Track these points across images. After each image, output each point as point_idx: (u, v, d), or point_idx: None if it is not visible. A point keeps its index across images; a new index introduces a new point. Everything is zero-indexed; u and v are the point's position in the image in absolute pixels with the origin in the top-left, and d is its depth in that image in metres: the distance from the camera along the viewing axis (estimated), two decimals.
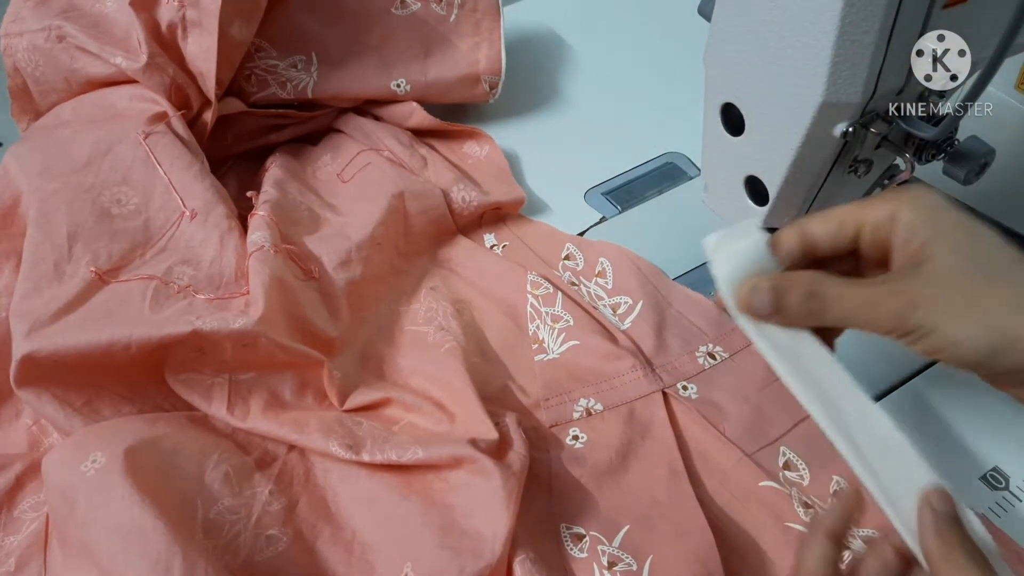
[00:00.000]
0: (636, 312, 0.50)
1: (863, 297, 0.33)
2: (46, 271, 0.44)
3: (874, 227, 0.34)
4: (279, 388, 0.44)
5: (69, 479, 0.36)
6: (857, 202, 0.35)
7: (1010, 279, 0.31)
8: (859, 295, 0.33)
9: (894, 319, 0.32)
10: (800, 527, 0.41)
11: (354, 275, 0.49)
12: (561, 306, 0.50)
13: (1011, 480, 0.42)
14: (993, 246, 0.32)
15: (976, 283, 0.31)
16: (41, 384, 0.40)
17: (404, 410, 0.44)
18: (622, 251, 0.53)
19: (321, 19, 0.58)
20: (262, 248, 0.46)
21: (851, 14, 0.32)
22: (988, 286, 0.31)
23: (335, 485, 0.41)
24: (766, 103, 0.38)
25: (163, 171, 0.49)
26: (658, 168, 0.61)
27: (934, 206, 0.33)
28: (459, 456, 0.39)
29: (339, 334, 0.47)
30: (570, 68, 0.70)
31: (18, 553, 0.38)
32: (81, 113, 0.53)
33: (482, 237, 0.56)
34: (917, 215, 0.33)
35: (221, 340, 0.41)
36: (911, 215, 0.33)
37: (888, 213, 0.33)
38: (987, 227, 0.32)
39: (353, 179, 0.56)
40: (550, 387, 0.47)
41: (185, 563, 0.33)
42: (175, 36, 0.52)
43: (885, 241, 0.34)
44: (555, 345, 0.48)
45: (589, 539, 0.40)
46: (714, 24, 0.39)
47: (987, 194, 0.51)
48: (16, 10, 0.55)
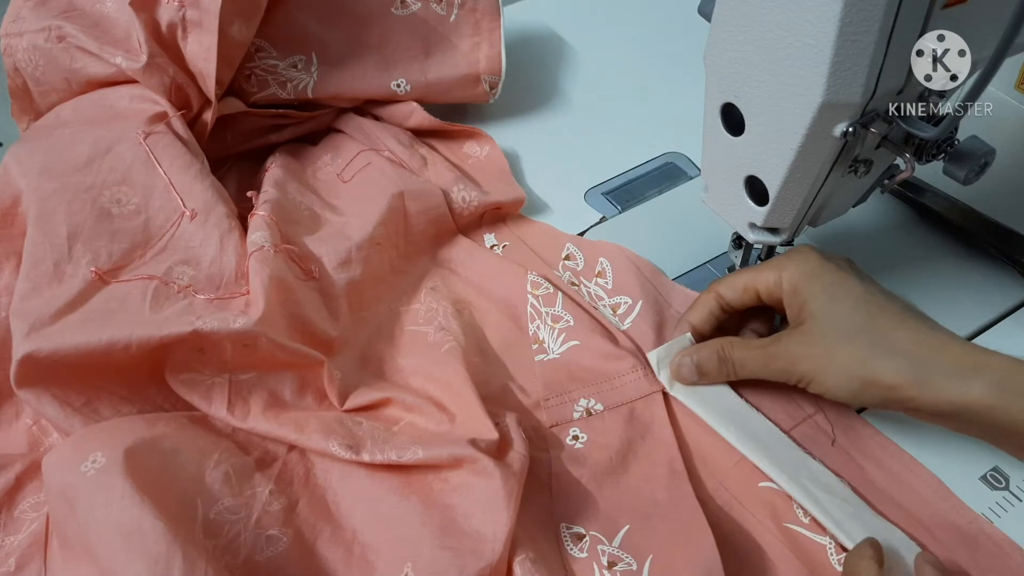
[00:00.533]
0: (636, 312, 0.50)
1: (757, 360, 0.43)
2: (46, 271, 0.44)
3: (767, 290, 0.43)
4: (279, 388, 0.44)
5: (69, 479, 0.36)
6: (753, 268, 0.44)
7: (862, 334, 0.39)
8: (754, 358, 0.43)
9: (783, 374, 0.42)
10: (800, 528, 0.41)
11: (354, 275, 0.49)
12: (561, 306, 0.50)
13: (1011, 480, 0.42)
14: (855, 304, 0.40)
15: (838, 339, 0.40)
16: (41, 384, 0.40)
17: (404, 410, 0.44)
18: (622, 251, 0.53)
19: (321, 19, 0.58)
20: (262, 248, 0.46)
21: (851, 14, 0.32)
22: (846, 342, 0.39)
23: (335, 485, 0.41)
24: (766, 103, 0.38)
25: (163, 171, 0.49)
26: (658, 168, 0.61)
27: (811, 272, 0.41)
28: (459, 456, 0.39)
29: (339, 334, 0.47)
30: (570, 68, 0.70)
31: (18, 553, 0.38)
32: (81, 113, 0.53)
33: (482, 237, 0.56)
34: (797, 280, 0.41)
35: (221, 340, 0.41)
36: (792, 279, 0.41)
37: (776, 278, 0.42)
38: (857, 283, 0.41)
39: (353, 179, 0.56)
40: (550, 387, 0.47)
41: (185, 563, 0.33)
42: (175, 36, 0.52)
43: (779, 300, 0.43)
44: (555, 345, 0.48)
45: (589, 539, 0.40)
46: (714, 24, 0.39)
47: (987, 194, 0.51)
48: (16, 10, 0.54)
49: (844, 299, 0.40)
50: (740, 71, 0.39)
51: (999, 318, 0.50)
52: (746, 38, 0.37)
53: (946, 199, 0.53)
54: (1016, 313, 0.50)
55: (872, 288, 0.41)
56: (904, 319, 0.39)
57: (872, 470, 0.43)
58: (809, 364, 0.41)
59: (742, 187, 0.43)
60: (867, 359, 0.39)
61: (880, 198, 0.56)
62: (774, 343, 0.43)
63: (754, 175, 0.42)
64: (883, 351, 0.38)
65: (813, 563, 0.40)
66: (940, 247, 0.54)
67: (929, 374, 0.37)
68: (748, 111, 0.40)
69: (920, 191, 0.54)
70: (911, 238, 0.54)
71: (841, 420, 0.45)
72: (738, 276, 0.44)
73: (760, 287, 0.43)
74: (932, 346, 0.38)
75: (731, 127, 0.42)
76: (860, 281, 0.41)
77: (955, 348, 0.38)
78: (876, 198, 0.51)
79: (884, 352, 0.38)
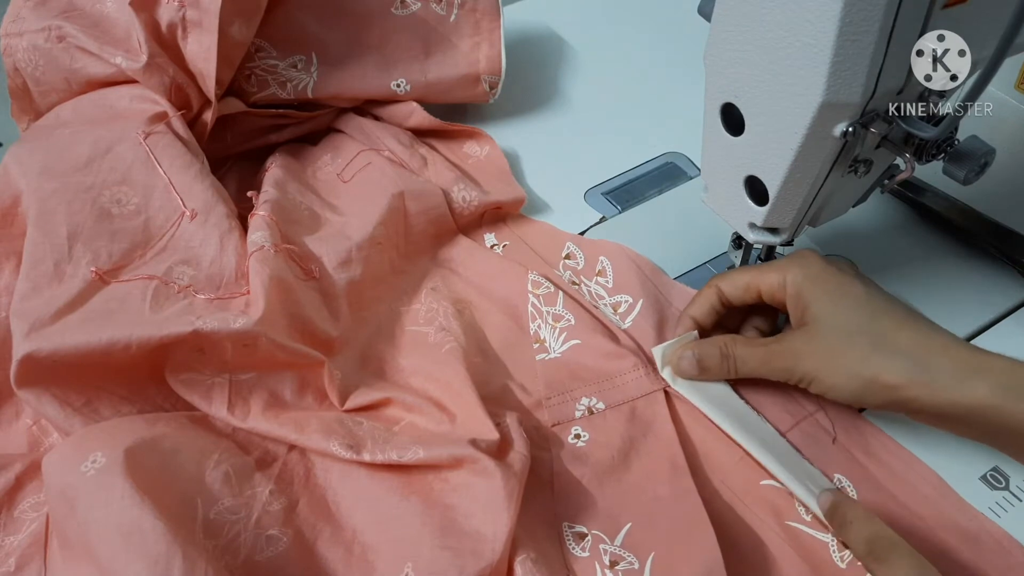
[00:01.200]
0: (637, 311, 0.50)
1: (759, 358, 0.43)
2: (46, 271, 0.44)
3: (769, 291, 0.43)
4: (279, 388, 0.44)
5: (69, 479, 0.36)
6: (756, 267, 0.45)
7: (865, 335, 0.39)
8: (756, 356, 0.43)
9: (784, 373, 0.42)
10: (802, 526, 0.41)
11: (354, 275, 0.49)
12: (562, 305, 0.50)
13: (1011, 480, 0.42)
14: (856, 305, 0.40)
15: (840, 339, 0.40)
16: (41, 384, 0.40)
17: (405, 410, 0.44)
18: (622, 249, 0.53)
19: (321, 19, 0.58)
20: (262, 248, 0.46)
21: (851, 14, 0.32)
22: (848, 342, 0.40)
23: (335, 485, 0.41)
24: (766, 103, 0.38)
25: (163, 171, 0.49)
26: (658, 168, 0.61)
27: (814, 275, 0.42)
28: (460, 456, 0.39)
29: (339, 334, 0.47)
30: (570, 68, 0.70)
31: (18, 553, 0.38)
32: (81, 113, 0.53)
33: (482, 237, 0.56)
34: (801, 282, 0.42)
35: (221, 340, 0.41)
36: (796, 282, 0.42)
37: (779, 280, 0.42)
38: (859, 285, 0.41)
39: (353, 179, 0.56)
40: (552, 386, 0.47)
41: (185, 563, 0.33)
42: (175, 36, 0.52)
43: (782, 301, 0.43)
44: (556, 344, 0.48)
45: (591, 538, 0.40)
46: (714, 24, 0.39)
47: (987, 194, 0.51)
48: (16, 10, 0.54)
49: (846, 301, 0.40)
50: (740, 71, 0.39)
51: (999, 318, 0.50)
52: (746, 38, 0.37)
53: (946, 199, 0.53)
54: (1016, 313, 0.50)
55: (874, 291, 0.41)
56: (906, 321, 0.39)
57: (873, 468, 0.43)
58: (811, 363, 0.41)
59: (742, 187, 0.43)
60: (869, 358, 0.39)
61: (880, 198, 0.56)
62: (776, 342, 0.43)
63: (754, 175, 0.42)
64: (886, 351, 0.39)
65: (815, 560, 0.40)
66: (940, 247, 0.54)
67: (932, 374, 0.37)
68: (748, 111, 0.40)
69: (920, 191, 0.54)
70: (911, 238, 0.54)
71: (842, 418, 0.45)
72: (740, 274, 0.45)
73: (763, 287, 0.43)
74: (935, 347, 0.38)
75: (731, 127, 0.42)
76: (862, 284, 0.41)
77: (958, 349, 0.38)
78: (876, 198, 0.51)
79: (887, 352, 0.39)
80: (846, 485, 0.42)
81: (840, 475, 0.43)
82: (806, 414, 0.45)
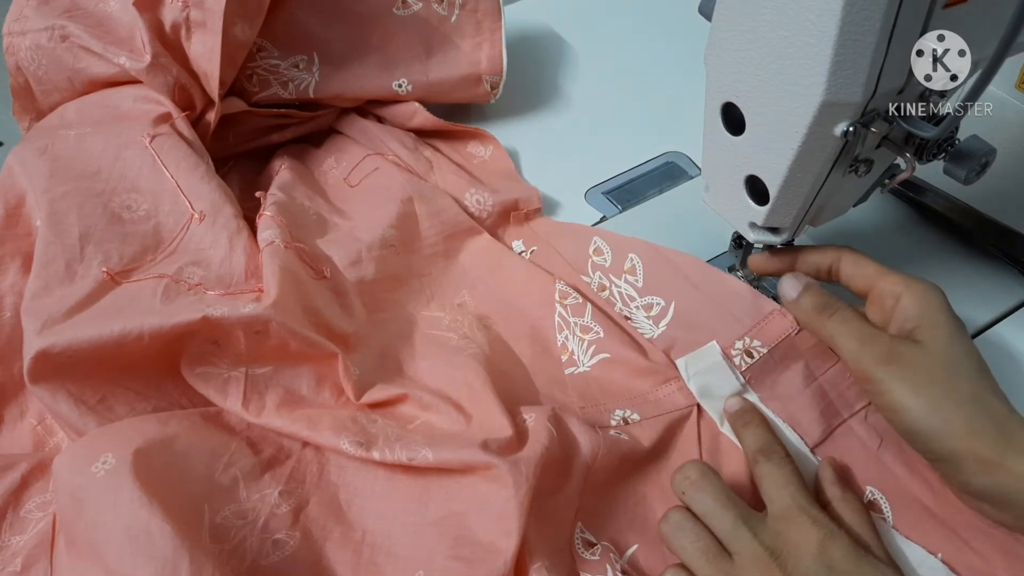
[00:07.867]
0: (670, 315, 0.48)
1: (860, 331, 0.40)
2: (58, 270, 0.44)
3: (880, 294, 0.41)
4: (296, 383, 0.44)
5: (79, 480, 0.36)
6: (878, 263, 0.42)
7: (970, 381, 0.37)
8: (859, 328, 0.40)
9: (872, 360, 0.38)
10: None
11: (366, 274, 0.49)
12: (591, 317, 0.48)
13: None
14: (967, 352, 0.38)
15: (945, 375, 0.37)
16: (56, 380, 0.40)
17: (420, 408, 0.44)
18: (651, 246, 0.51)
19: (323, 19, 0.58)
20: (273, 243, 0.46)
21: (851, 14, 0.32)
22: (950, 382, 0.37)
23: (349, 482, 0.41)
24: (766, 103, 0.38)
25: (170, 174, 0.49)
26: (658, 168, 0.61)
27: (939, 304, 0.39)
28: (471, 463, 0.39)
29: (354, 331, 0.47)
30: (571, 68, 0.70)
31: (24, 553, 0.38)
32: (85, 114, 0.54)
33: (510, 244, 0.55)
34: (920, 304, 0.39)
35: (233, 327, 0.41)
36: (914, 301, 0.39)
37: (902, 287, 0.40)
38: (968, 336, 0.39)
39: (361, 184, 0.56)
40: (585, 397, 0.46)
41: (192, 567, 0.33)
42: (179, 36, 0.52)
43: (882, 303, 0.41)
44: (585, 358, 0.48)
45: (600, 548, 0.40)
46: (714, 24, 0.39)
47: (987, 194, 0.51)
48: (19, 9, 0.55)
49: (961, 342, 0.38)
50: (740, 71, 0.39)
51: (999, 318, 0.50)
52: (746, 38, 0.37)
53: (946, 199, 0.53)
54: (1016, 313, 0.50)
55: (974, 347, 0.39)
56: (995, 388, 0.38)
57: (906, 477, 0.41)
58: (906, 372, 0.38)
59: (742, 187, 0.43)
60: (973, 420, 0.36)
61: (880, 198, 0.56)
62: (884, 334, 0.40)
63: (754, 175, 0.42)
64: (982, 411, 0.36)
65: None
66: (940, 247, 0.54)
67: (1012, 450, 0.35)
68: (748, 111, 0.40)
69: (920, 191, 0.54)
70: (911, 238, 0.54)
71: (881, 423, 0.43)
72: (867, 261, 0.42)
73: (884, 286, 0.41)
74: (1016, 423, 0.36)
75: (731, 127, 0.42)
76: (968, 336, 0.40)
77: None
78: (876, 198, 0.51)
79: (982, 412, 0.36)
80: (879, 498, 0.41)
81: (872, 487, 0.41)
82: (836, 421, 0.43)
